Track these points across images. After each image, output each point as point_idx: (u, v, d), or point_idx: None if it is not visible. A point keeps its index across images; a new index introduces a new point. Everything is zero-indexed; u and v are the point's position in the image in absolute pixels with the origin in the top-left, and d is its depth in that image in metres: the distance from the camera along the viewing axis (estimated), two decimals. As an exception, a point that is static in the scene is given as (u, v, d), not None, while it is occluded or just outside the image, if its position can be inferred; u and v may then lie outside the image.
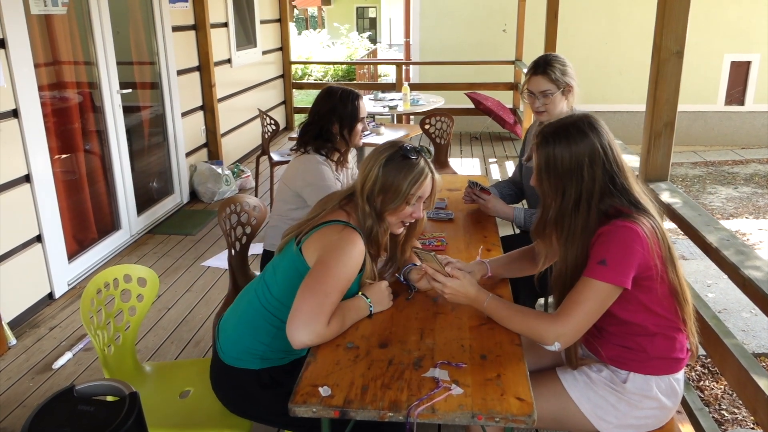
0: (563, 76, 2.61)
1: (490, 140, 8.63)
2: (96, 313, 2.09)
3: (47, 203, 3.80)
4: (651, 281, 1.68)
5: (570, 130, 1.71)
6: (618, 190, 1.69)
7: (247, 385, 1.88)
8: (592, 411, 1.79)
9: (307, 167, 2.76)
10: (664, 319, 1.75)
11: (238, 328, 1.92)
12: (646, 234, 1.64)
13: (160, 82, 5.35)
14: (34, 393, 2.96)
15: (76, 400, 1.50)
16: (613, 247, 1.64)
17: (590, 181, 1.68)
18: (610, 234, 1.65)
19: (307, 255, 1.80)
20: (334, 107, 2.78)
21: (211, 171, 5.80)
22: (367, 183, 1.88)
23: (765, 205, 7.50)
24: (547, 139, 1.74)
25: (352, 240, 1.79)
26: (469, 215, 2.76)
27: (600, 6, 9.50)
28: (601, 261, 1.64)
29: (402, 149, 1.90)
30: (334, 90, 2.84)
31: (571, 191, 1.70)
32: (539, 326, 1.71)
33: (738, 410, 3.24)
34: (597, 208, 1.69)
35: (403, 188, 1.86)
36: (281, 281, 1.86)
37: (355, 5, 30.50)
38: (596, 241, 1.67)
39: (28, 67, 3.64)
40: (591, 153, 1.68)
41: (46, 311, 3.76)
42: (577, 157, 1.69)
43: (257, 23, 7.56)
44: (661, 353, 1.77)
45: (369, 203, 1.88)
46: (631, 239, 1.63)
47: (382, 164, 1.87)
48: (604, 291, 1.65)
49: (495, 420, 1.42)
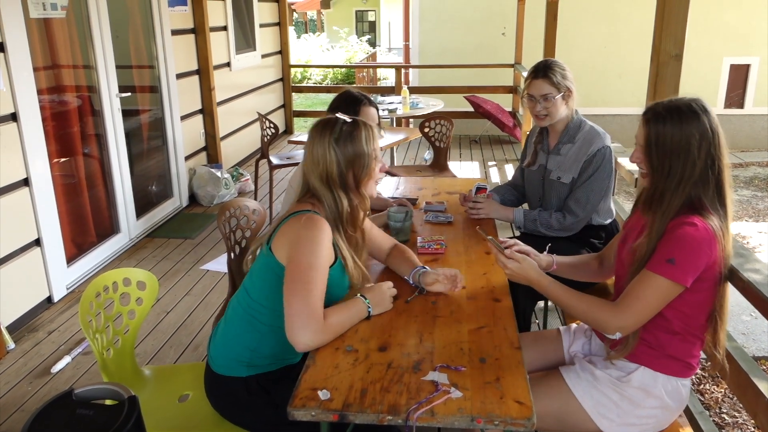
0: (563, 80, 2.62)
1: (490, 143, 8.63)
2: (95, 317, 2.08)
3: (46, 207, 3.80)
4: (706, 284, 1.70)
5: (682, 109, 1.71)
6: (714, 176, 1.69)
7: (237, 393, 1.87)
8: (594, 408, 1.79)
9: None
10: (692, 322, 1.75)
11: (224, 335, 1.92)
12: (717, 236, 1.65)
13: (159, 86, 5.35)
14: (32, 397, 2.96)
15: (75, 403, 1.50)
16: (683, 247, 1.64)
17: (695, 163, 1.68)
18: (683, 232, 1.65)
19: (277, 253, 1.79)
20: (337, 107, 2.69)
21: (210, 174, 5.80)
22: (330, 170, 1.85)
23: (765, 208, 7.50)
24: (658, 116, 1.73)
25: (315, 225, 1.77)
26: (468, 218, 2.76)
27: (599, 9, 9.51)
28: (670, 259, 1.65)
29: (340, 122, 1.89)
30: (345, 92, 2.78)
31: (677, 169, 1.70)
32: (603, 316, 1.74)
33: (738, 414, 3.23)
34: (689, 191, 1.69)
35: (366, 151, 1.88)
36: (258, 284, 1.86)
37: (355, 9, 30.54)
38: (667, 234, 1.67)
39: (28, 70, 3.64)
40: (701, 134, 1.68)
41: (44, 315, 3.76)
42: (687, 137, 1.68)
43: (256, 27, 7.57)
44: (676, 354, 1.78)
45: (341, 187, 1.87)
46: (702, 240, 1.63)
47: (333, 145, 1.85)
48: (668, 288, 1.66)
49: (494, 423, 1.42)
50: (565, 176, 2.70)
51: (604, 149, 2.62)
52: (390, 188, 3.25)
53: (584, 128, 2.69)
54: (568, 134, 2.71)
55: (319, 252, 1.74)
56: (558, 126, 2.73)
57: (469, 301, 1.99)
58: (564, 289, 1.84)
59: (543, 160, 2.81)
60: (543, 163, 2.81)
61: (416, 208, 2.90)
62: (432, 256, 2.34)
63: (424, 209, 2.87)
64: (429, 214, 2.77)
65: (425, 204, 2.94)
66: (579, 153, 2.66)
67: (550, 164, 2.77)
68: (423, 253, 2.36)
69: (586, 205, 2.65)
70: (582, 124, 2.71)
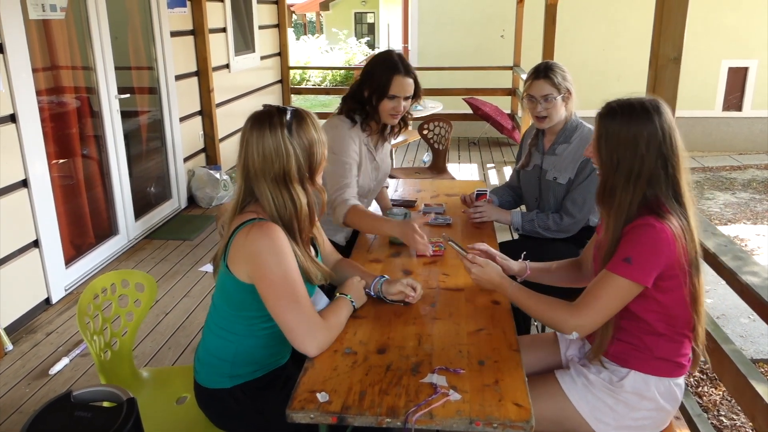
0: (564, 81, 2.62)
1: (489, 146, 8.64)
2: (93, 319, 2.08)
3: (45, 208, 3.80)
4: (672, 282, 1.70)
5: (635, 107, 1.72)
6: (669, 177, 1.69)
7: (224, 404, 1.86)
8: (590, 413, 1.79)
9: (333, 131, 2.53)
10: (675, 322, 1.76)
11: (204, 350, 1.91)
12: (675, 235, 1.65)
13: (158, 87, 5.35)
14: (30, 399, 2.95)
15: (73, 406, 1.50)
16: (639, 246, 1.65)
17: (643, 160, 1.68)
18: (639, 231, 1.66)
19: (235, 270, 1.72)
20: (372, 69, 2.55)
21: (209, 176, 5.79)
22: (288, 166, 1.71)
23: (763, 210, 7.51)
24: (610, 111, 1.75)
25: (267, 233, 1.67)
26: (467, 220, 2.76)
27: (598, 12, 9.53)
28: (626, 258, 1.66)
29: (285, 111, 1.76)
30: (382, 53, 2.59)
31: (624, 165, 1.70)
32: (560, 316, 1.76)
33: (736, 416, 3.23)
34: (643, 191, 1.69)
35: (318, 138, 1.78)
36: (225, 297, 1.82)
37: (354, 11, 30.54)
38: (625, 234, 1.68)
39: (27, 72, 3.64)
40: (650, 133, 1.68)
41: (42, 317, 3.75)
42: (635, 134, 1.69)
43: (255, 28, 7.56)
44: (665, 355, 1.78)
45: (299, 182, 1.75)
46: (659, 239, 1.64)
47: (288, 138, 1.72)
48: (625, 287, 1.67)
49: (493, 426, 1.42)
50: (561, 176, 2.70)
51: None
52: (389, 190, 3.25)
53: (580, 129, 2.70)
54: (564, 135, 2.71)
55: (284, 259, 1.67)
56: (555, 127, 2.72)
57: (468, 303, 2.00)
58: (524, 292, 1.88)
59: (538, 160, 2.81)
60: (538, 164, 2.80)
61: (415, 210, 2.90)
62: (430, 258, 2.34)
63: (423, 211, 2.88)
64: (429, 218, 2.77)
65: (424, 206, 2.94)
66: (576, 153, 2.66)
67: (546, 164, 2.76)
68: (421, 255, 2.36)
69: (583, 206, 2.65)
70: (579, 126, 2.71)
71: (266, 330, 1.82)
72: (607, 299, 1.69)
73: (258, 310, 1.75)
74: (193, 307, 3.84)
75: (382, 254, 2.41)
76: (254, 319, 1.80)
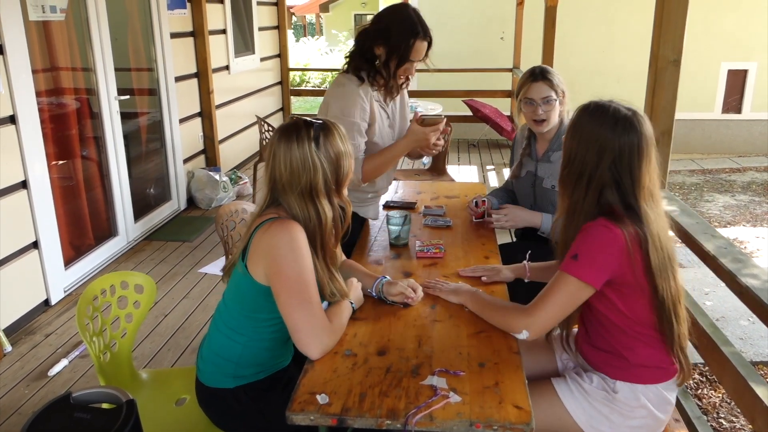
0: (560, 84, 2.61)
1: (488, 147, 8.65)
2: (92, 320, 2.08)
3: (44, 209, 3.80)
4: (627, 289, 1.69)
5: (608, 114, 1.71)
6: (622, 191, 1.69)
7: (227, 404, 1.86)
8: (586, 422, 1.79)
9: (340, 90, 2.47)
10: (641, 328, 1.75)
11: (209, 349, 1.91)
12: (627, 241, 1.63)
13: (158, 89, 5.35)
14: (29, 400, 2.95)
15: (72, 407, 1.50)
16: (588, 244, 1.66)
17: (596, 166, 1.69)
18: (590, 230, 1.66)
19: (253, 271, 1.73)
20: (388, 28, 2.41)
21: (208, 177, 5.79)
22: (315, 180, 1.73)
23: (762, 213, 7.51)
24: (588, 107, 1.76)
25: (286, 229, 1.68)
26: (467, 223, 2.76)
27: (598, 14, 9.54)
28: (574, 255, 1.67)
29: (312, 124, 1.76)
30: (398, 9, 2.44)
31: (578, 161, 1.72)
32: (510, 316, 1.77)
33: (736, 419, 3.23)
34: (596, 196, 1.70)
35: (344, 150, 1.79)
36: (238, 298, 1.83)
37: (353, 12, 30.55)
38: (578, 234, 1.69)
39: (26, 73, 3.64)
40: (604, 146, 1.68)
41: (41, 318, 3.75)
42: (594, 139, 1.69)
43: (255, 30, 7.57)
44: (643, 362, 1.77)
45: (326, 196, 1.77)
46: (608, 241, 1.63)
47: (315, 151, 1.73)
48: (573, 285, 1.67)
49: (493, 428, 1.42)
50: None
51: None
52: (389, 193, 3.24)
53: None
54: (558, 142, 2.67)
55: (300, 256, 1.68)
56: (548, 134, 2.69)
57: (468, 305, 1.99)
58: (480, 297, 1.93)
59: (531, 167, 2.77)
60: (532, 171, 2.76)
61: (415, 212, 2.90)
62: (431, 260, 2.34)
63: (423, 213, 2.87)
64: (428, 218, 2.77)
65: (424, 208, 2.94)
66: None
67: (541, 172, 2.72)
68: (422, 257, 2.36)
69: None
70: None
71: (274, 334, 1.83)
72: (556, 297, 1.70)
73: (270, 312, 1.75)
74: (193, 309, 3.83)
75: (382, 256, 2.41)
76: (264, 321, 1.81)
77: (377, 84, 2.50)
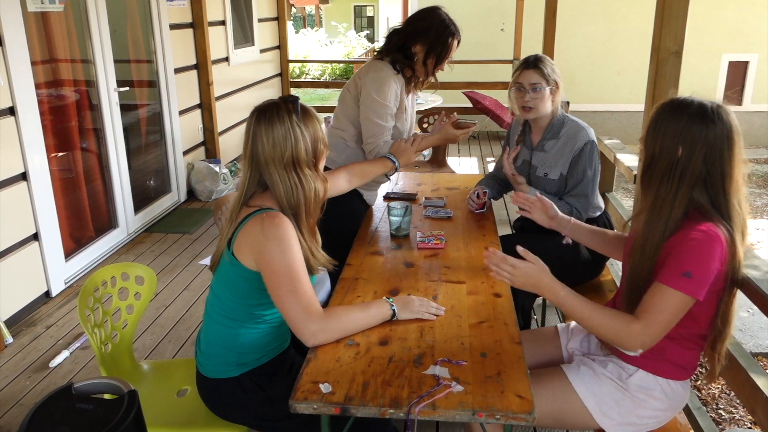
0: (553, 74, 2.62)
1: (488, 139, 8.63)
2: (93, 312, 2.08)
3: (44, 201, 3.79)
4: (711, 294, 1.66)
5: (694, 107, 1.68)
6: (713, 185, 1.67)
7: (232, 394, 1.86)
8: (596, 406, 1.78)
9: (377, 74, 2.59)
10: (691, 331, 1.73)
11: (207, 341, 1.91)
12: (725, 244, 1.62)
13: (157, 80, 5.34)
14: (30, 391, 2.95)
15: (74, 398, 1.49)
16: (698, 258, 1.59)
17: (686, 161, 1.65)
18: (696, 242, 1.60)
19: (242, 258, 1.75)
20: (428, 28, 2.59)
21: (208, 169, 5.78)
22: (298, 150, 1.76)
23: (763, 204, 7.52)
24: (667, 105, 1.73)
25: (277, 224, 1.71)
26: (467, 214, 2.76)
27: (598, 6, 9.51)
28: (686, 273, 1.58)
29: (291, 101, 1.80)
30: (439, 13, 2.64)
31: (664, 157, 1.68)
32: (624, 333, 1.64)
33: (735, 409, 3.24)
34: (687, 192, 1.67)
35: (321, 135, 1.83)
36: (228, 287, 1.84)
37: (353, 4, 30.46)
38: (679, 244, 1.62)
39: (25, 64, 3.62)
40: (695, 139, 1.65)
41: (42, 309, 3.75)
42: (683, 133, 1.66)
43: (255, 22, 7.54)
44: (675, 359, 1.77)
45: (308, 167, 1.80)
46: (714, 249, 1.60)
47: (298, 124, 1.77)
48: (685, 302, 1.61)
49: (495, 417, 1.42)
50: (552, 172, 2.69)
51: (591, 143, 2.63)
52: (389, 184, 3.24)
53: (567, 124, 2.69)
54: (552, 131, 2.69)
55: (289, 250, 1.70)
56: (542, 122, 2.71)
57: (470, 295, 2.00)
58: (580, 301, 1.70)
59: (526, 156, 2.79)
60: (527, 159, 2.79)
61: (416, 204, 2.90)
62: (432, 251, 2.34)
63: (424, 204, 2.87)
64: (428, 209, 2.77)
65: (425, 199, 2.94)
66: (564, 148, 2.65)
67: (535, 161, 2.75)
68: (423, 248, 2.36)
69: (587, 198, 2.65)
70: (566, 121, 2.70)
71: (270, 316, 1.84)
72: (669, 315, 1.61)
73: (262, 297, 1.77)
74: (193, 300, 3.84)
75: (383, 247, 2.41)
76: (257, 306, 1.81)
77: (407, 77, 2.67)
